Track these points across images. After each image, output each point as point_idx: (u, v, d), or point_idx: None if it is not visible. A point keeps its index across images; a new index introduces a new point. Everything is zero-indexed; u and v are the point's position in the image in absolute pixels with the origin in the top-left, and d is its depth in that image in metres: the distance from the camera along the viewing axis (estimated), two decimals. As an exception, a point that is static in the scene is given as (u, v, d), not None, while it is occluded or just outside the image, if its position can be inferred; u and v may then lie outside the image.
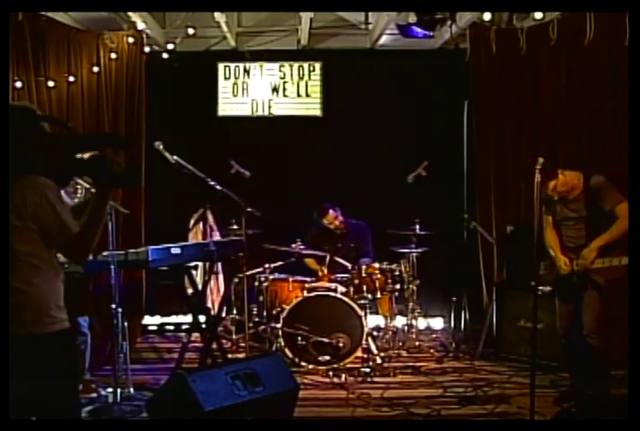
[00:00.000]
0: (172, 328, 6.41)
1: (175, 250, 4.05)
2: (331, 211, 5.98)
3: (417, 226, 5.73)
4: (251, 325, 5.55)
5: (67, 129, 2.64)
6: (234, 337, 5.83)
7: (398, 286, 5.50)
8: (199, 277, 5.33)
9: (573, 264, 4.12)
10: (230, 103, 6.81)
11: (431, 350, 5.67)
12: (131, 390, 4.44)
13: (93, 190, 2.92)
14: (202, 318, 4.67)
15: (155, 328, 6.41)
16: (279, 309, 5.39)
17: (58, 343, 2.45)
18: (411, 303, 5.74)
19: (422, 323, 6.18)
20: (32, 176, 2.36)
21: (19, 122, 2.42)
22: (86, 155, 2.47)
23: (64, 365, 2.47)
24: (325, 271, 5.67)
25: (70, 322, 2.53)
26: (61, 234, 2.37)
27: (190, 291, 4.65)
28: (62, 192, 3.22)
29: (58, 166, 2.47)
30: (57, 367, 2.42)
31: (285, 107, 6.81)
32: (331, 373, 4.95)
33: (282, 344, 5.10)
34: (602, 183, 4.11)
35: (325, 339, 5.06)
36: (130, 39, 5.86)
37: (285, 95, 6.81)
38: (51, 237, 2.38)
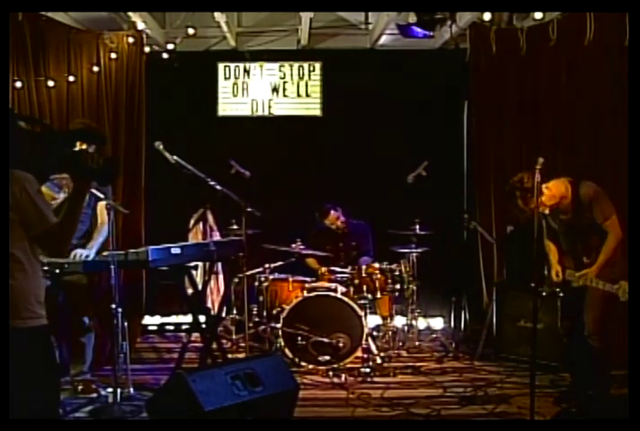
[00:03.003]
0: (172, 328, 6.41)
1: (175, 250, 4.05)
2: (332, 211, 5.98)
3: (417, 226, 5.73)
4: (251, 325, 5.54)
5: (43, 127, 2.74)
6: (234, 337, 5.83)
7: (398, 286, 5.51)
8: (199, 277, 5.33)
9: (565, 275, 4.12)
10: (230, 103, 6.81)
11: (431, 350, 5.67)
12: (131, 390, 4.43)
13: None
14: (202, 318, 4.67)
15: (155, 328, 6.40)
16: (279, 309, 5.38)
17: (36, 339, 2.48)
18: (411, 303, 5.75)
19: (422, 323, 6.18)
20: (12, 170, 2.47)
21: None
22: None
23: (40, 362, 2.48)
24: (325, 270, 5.67)
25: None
26: (40, 226, 2.48)
27: (190, 291, 4.65)
28: (55, 188, 3.24)
29: (37, 162, 2.59)
30: (33, 364, 2.43)
31: (285, 107, 6.81)
32: (331, 373, 4.95)
33: (282, 344, 5.10)
34: (592, 194, 3.95)
35: (325, 339, 5.06)
36: (130, 39, 5.86)
37: (285, 95, 6.81)
38: (31, 229, 2.48)
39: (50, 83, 5.67)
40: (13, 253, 2.44)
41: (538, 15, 5.41)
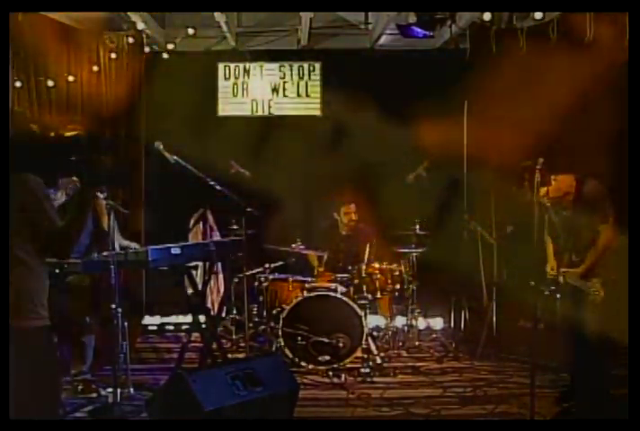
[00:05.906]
0: (172, 328, 6.41)
1: (175, 250, 4.05)
2: (353, 205, 5.96)
3: (417, 226, 5.72)
4: (251, 325, 5.55)
5: (55, 132, 2.78)
6: (234, 337, 5.83)
7: (398, 286, 5.51)
8: (199, 277, 5.33)
9: (559, 270, 4.12)
10: (230, 103, 6.80)
11: (431, 350, 5.68)
12: (131, 390, 4.43)
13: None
14: (202, 318, 4.67)
15: (155, 328, 6.40)
16: (279, 309, 5.38)
17: (39, 339, 2.49)
18: (411, 304, 5.75)
19: (422, 323, 6.18)
20: (22, 173, 2.48)
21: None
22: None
23: (42, 362, 2.49)
24: (322, 269, 5.67)
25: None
26: (46, 228, 2.49)
27: (190, 291, 4.65)
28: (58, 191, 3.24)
29: (46, 166, 2.60)
30: (36, 364, 2.44)
31: (285, 107, 6.81)
32: (331, 373, 4.95)
33: (282, 344, 5.10)
34: (596, 192, 4.00)
35: (325, 339, 5.06)
36: (130, 39, 5.87)
37: (285, 95, 6.81)
38: (37, 231, 2.49)
39: (50, 83, 5.67)
40: (18, 254, 2.45)
41: (538, 15, 5.41)
